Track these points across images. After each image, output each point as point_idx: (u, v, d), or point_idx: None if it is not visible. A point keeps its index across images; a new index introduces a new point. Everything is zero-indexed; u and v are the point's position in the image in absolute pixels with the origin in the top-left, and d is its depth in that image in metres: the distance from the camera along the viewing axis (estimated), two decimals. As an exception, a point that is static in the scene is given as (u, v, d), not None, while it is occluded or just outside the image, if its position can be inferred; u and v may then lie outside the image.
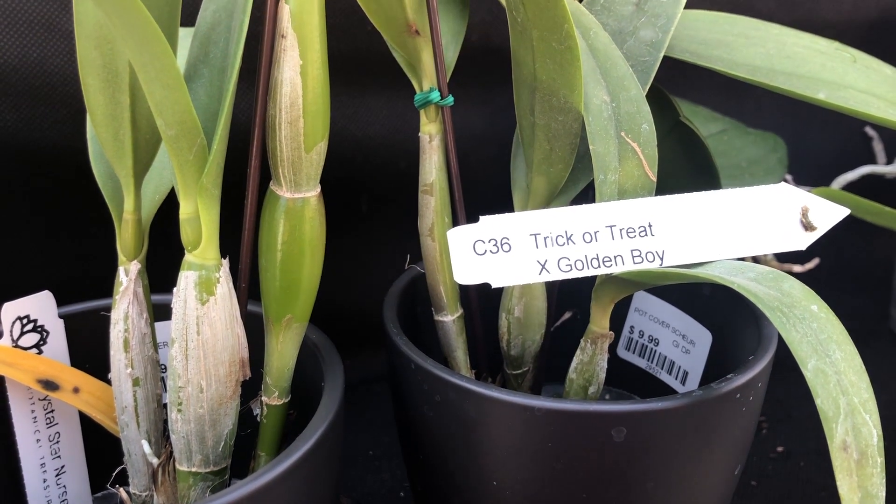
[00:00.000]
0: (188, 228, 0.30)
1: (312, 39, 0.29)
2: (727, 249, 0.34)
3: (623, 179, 0.35)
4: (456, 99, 0.37)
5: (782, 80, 0.41)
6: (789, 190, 0.35)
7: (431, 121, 0.38)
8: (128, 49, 0.28)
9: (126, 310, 0.32)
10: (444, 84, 0.37)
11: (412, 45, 0.37)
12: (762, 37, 0.45)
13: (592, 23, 0.36)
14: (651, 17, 0.39)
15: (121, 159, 0.31)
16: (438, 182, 0.38)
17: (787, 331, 0.28)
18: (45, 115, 0.49)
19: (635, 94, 0.35)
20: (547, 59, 0.33)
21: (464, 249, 0.32)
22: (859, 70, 0.44)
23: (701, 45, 0.43)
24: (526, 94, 0.35)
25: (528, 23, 0.32)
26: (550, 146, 0.35)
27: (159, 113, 0.28)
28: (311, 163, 0.31)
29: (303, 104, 0.30)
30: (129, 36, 0.27)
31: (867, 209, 0.49)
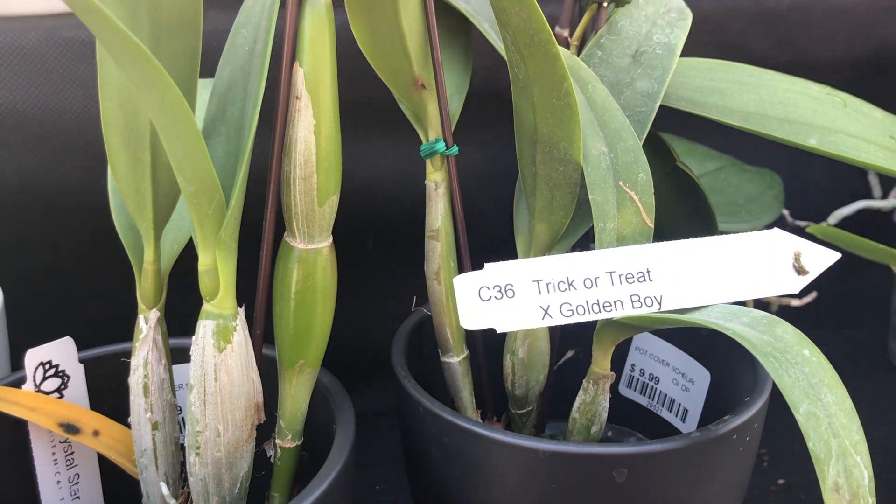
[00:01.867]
0: (206, 279, 0.31)
1: (325, 101, 0.31)
2: (723, 294, 0.35)
3: (622, 226, 0.36)
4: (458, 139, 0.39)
5: (775, 127, 0.42)
6: (782, 235, 0.37)
7: (437, 169, 0.39)
8: (150, 111, 0.29)
9: (146, 356, 0.34)
10: (449, 135, 0.39)
11: (418, 98, 0.38)
12: (756, 83, 0.46)
13: (591, 76, 0.38)
14: (647, 68, 0.40)
15: (142, 213, 0.33)
16: (444, 228, 0.39)
17: (780, 376, 0.29)
18: (62, 161, 0.51)
19: (632, 145, 0.37)
20: (547, 114, 0.34)
21: (470, 296, 0.33)
22: (850, 114, 0.46)
23: (696, 92, 0.44)
24: (528, 145, 0.37)
25: (529, 80, 0.34)
26: (552, 195, 0.37)
27: (180, 171, 0.30)
28: (323, 216, 0.32)
29: (316, 161, 0.31)
30: (152, 99, 0.28)
31: (861, 246, 0.50)
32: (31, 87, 0.50)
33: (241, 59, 0.33)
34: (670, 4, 0.44)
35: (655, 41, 0.41)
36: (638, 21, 0.42)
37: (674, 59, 0.41)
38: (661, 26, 0.42)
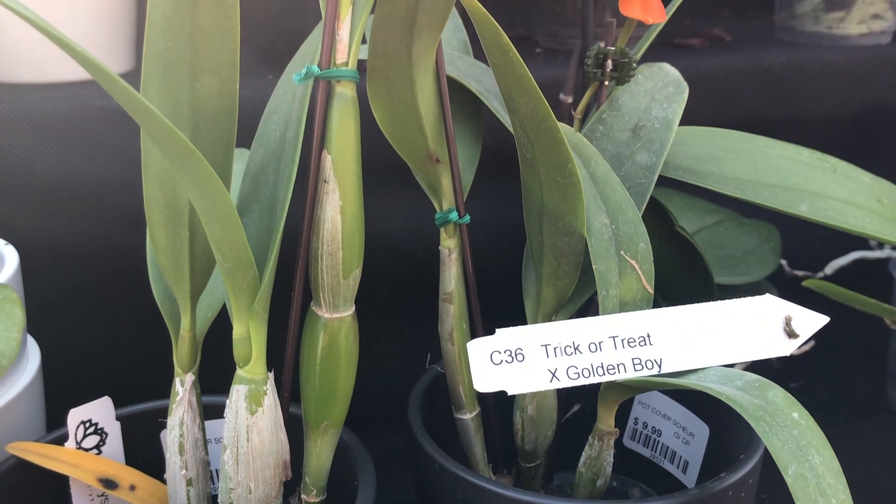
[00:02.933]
0: (240, 347, 0.34)
1: (351, 183, 0.34)
2: (719, 356, 0.37)
3: (624, 293, 0.39)
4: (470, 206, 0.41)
5: (767, 195, 0.45)
6: (774, 301, 0.39)
7: (450, 236, 0.42)
8: (191, 195, 0.32)
9: (181, 417, 0.36)
10: (462, 205, 0.42)
11: (433, 172, 0.41)
12: (750, 150, 0.49)
13: (593, 153, 0.41)
14: (646, 142, 0.43)
15: (180, 284, 0.36)
16: (457, 291, 0.42)
17: (770, 439, 0.31)
18: (94, 223, 0.54)
19: (632, 217, 0.39)
20: (553, 190, 0.37)
21: (482, 360, 0.36)
22: (839, 179, 0.49)
23: (693, 160, 0.47)
24: (535, 216, 0.40)
25: (535, 160, 0.37)
26: (557, 263, 0.40)
27: (218, 249, 0.32)
28: (348, 287, 0.35)
29: (342, 238, 0.34)
30: (194, 185, 0.31)
31: (855, 300, 0.53)
32: (66, 152, 0.53)
33: (272, 143, 0.36)
34: (668, 78, 0.47)
35: (654, 115, 0.44)
36: (637, 96, 0.45)
37: (671, 134, 0.43)
38: (659, 101, 0.45)
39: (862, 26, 0.78)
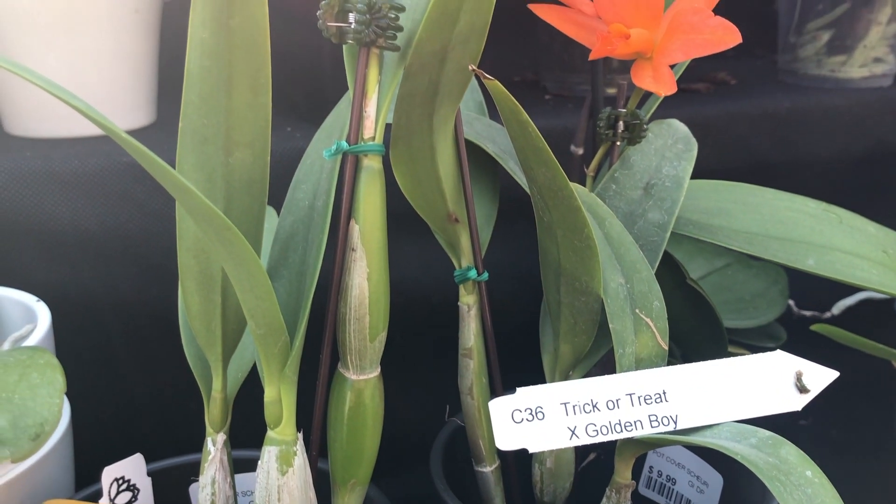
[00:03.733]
0: (271, 409, 0.35)
1: (377, 251, 0.35)
2: (732, 412, 0.39)
3: (639, 350, 0.40)
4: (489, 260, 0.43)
5: (776, 248, 0.46)
6: (784, 357, 0.40)
7: (469, 293, 0.43)
8: (227, 267, 0.34)
9: (213, 475, 0.37)
10: (480, 263, 0.43)
11: (452, 231, 0.43)
12: (758, 202, 0.50)
13: (607, 213, 0.42)
14: (658, 200, 0.45)
15: (212, 347, 0.37)
16: (476, 346, 0.43)
17: (785, 499, 0.32)
18: (120, 274, 0.55)
19: (647, 276, 0.41)
20: (570, 252, 0.39)
21: (504, 418, 0.37)
22: (845, 231, 0.50)
23: (703, 214, 0.49)
24: (552, 276, 0.41)
25: (553, 224, 0.38)
26: (574, 320, 0.41)
27: (251, 316, 0.34)
28: (374, 350, 0.36)
29: (368, 304, 0.35)
30: (229, 258, 0.33)
31: (863, 344, 0.54)
32: (92, 207, 0.55)
33: (301, 211, 0.37)
34: (677, 135, 0.49)
35: (665, 174, 0.46)
36: (648, 155, 0.47)
37: (682, 192, 0.45)
38: (669, 159, 0.47)
39: (864, 70, 0.80)
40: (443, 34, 0.34)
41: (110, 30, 0.59)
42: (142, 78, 0.62)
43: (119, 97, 0.61)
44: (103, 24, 0.58)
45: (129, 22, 0.60)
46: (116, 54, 0.60)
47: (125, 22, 0.59)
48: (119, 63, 0.60)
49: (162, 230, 0.56)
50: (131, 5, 0.59)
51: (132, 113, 0.62)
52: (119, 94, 0.61)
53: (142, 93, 0.63)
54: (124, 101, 0.61)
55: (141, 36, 0.61)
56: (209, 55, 0.33)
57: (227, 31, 0.32)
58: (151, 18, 0.62)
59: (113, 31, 0.59)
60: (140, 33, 0.61)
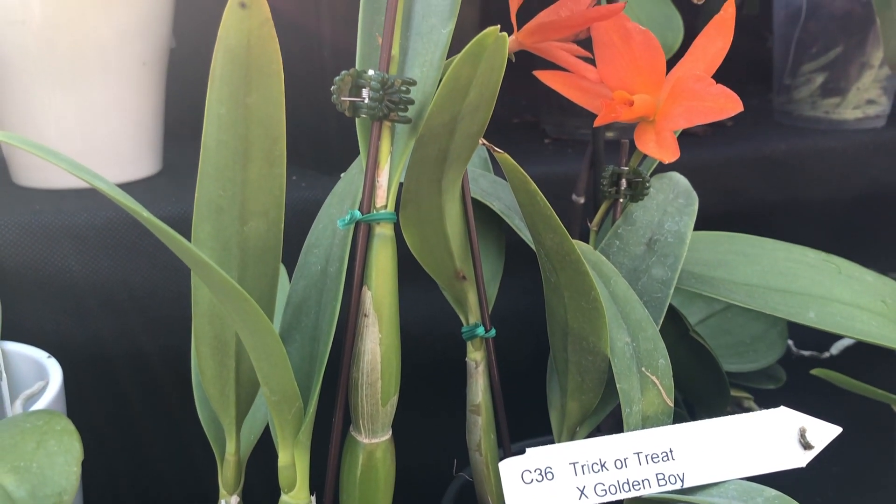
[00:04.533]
0: (285, 474, 0.36)
1: (389, 317, 0.36)
2: (738, 469, 0.39)
3: (646, 408, 0.41)
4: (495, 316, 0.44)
5: (777, 301, 0.47)
6: (788, 414, 0.41)
7: (477, 349, 0.44)
8: (242, 335, 0.34)
9: (226, 537, 0.38)
10: (487, 320, 0.44)
11: (459, 288, 0.44)
12: (758, 254, 0.51)
13: (612, 271, 0.43)
14: (661, 256, 0.46)
15: (226, 410, 0.38)
16: (484, 403, 0.44)
17: (793, 563, 0.33)
18: (130, 327, 0.56)
19: (652, 334, 0.42)
20: (577, 313, 0.39)
21: (514, 479, 0.38)
22: (844, 281, 0.51)
23: (704, 266, 0.49)
24: (559, 335, 0.42)
25: (560, 285, 0.39)
26: (582, 378, 0.42)
27: (266, 383, 0.34)
28: (386, 414, 0.37)
29: (381, 369, 0.36)
30: (245, 327, 0.33)
31: (862, 388, 0.55)
32: (102, 259, 0.56)
33: (314, 276, 0.38)
34: (678, 189, 0.50)
35: (667, 229, 0.47)
36: (650, 210, 0.48)
37: (684, 247, 0.46)
38: (671, 214, 0.48)
39: (857, 111, 0.81)
40: (453, 107, 0.35)
41: (118, 81, 0.60)
42: (148, 128, 0.63)
43: (126, 147, 0.62)
44: (111, 76, 0.59)
45: (137, 73, 0.61)
46: (124, 105, 0.61)
47: (133, 74, 0.60)
48: (126, 114, 0.61)
49: (171, 281, 0.56)
50: (139, 57, 0.60)
51: (138, 163, 0.63)
52: (126, 145, 0.62)
53: (148, 143, 0.64)
54: (131, 151, 0.62)
55: (148, 87, 0.62)
56: (226, 130, 0.33)
57: (245, 108, 0.33)
58: (159, 69, 0.63)
59: (121, 83, 0.60)
60: (147, 84, 0.62)
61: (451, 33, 0.36)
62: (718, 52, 0.41)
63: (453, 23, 0.36)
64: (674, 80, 0.40)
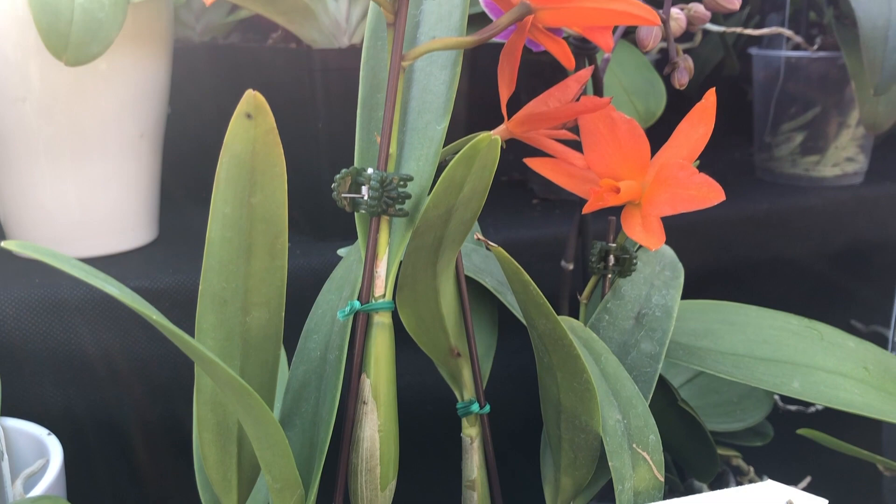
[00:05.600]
0: (287, 560, 0.36)
1: (388, 404, 0.37)
2: (728, 544, 0.40)
3: (637, 483, 0.42)
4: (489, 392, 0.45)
5: (762, 372, 0.49)
6: (776, 487, 0.42)
7: (472, 425, 0.45)
8: (245, 424, 0.35)
9: None
10: (482, 396, 0.45)
11: (454, 365, 0.45)
12: (743, 322, 0.53)
13: (603, 349, 0.44)
14: (649, 330, 0.47)
15: (227, 494, 0.38)
16: (479, 478, 0.45)
17: None
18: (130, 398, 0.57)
19: (642, 411, 0.43)
20: (570, 392, 0.41)
21: (510, 558, 0.39)
22: (827, 348, 0.52)
23: (691, 336, 0.51)
24: (552, 411, 0.43)
25: (553, 366, 0.40)
26: (575, 455, 0.43)
27: (268, 471, 0.35)
28: (385, 498, 0.38)
29: (380, 455, 0.37)
30: (248, 417, 0.34)
31: (847, 448, 0.56)
32: (103, 331, 0.56)
33: (313, 362, 0.39)
34: (665, 261, 0.52)
35: (655, 303, 0.48)
36: (638, 284, 0.49)
37: (671, 322, 0.47)
38: (658, 287, 0.49)
39: (836, 169, 0.84)
40: (449, 200, 0.36)
41: (116, 154, 0.61)
42: (146, 197, 0.64)
43: (124, 217, 0.63)
44: (110, 149, 0.60)
45: (135, 146, 0.62)
46: (122, 177, 0.62)
47: (131, 146, 0.62)
48: (124, 185, 0.62)
49: (169, 352, 0.57)
50: (137, 130, 0.62)
51: (136, 231, 0.64)
52: (124, 214, 0.63)
53: (145, 211, 0.65)
54: (129, 220, 0.63)
55: (145, 158, 0.63)
56: (230, 227, 0.35)
57: (249, 207, 0.34)
58: (155, 141, 0.64)
59: (119, 155, 0.61)
60: (145, 155, 0.63)
61: (445, 130, 0.38)
62: (701, 139, 0.42)
63: (447, 120, 0.38)
64: (658, 165, 0.42)
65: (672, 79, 0.47)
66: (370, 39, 0.39)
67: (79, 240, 0.61)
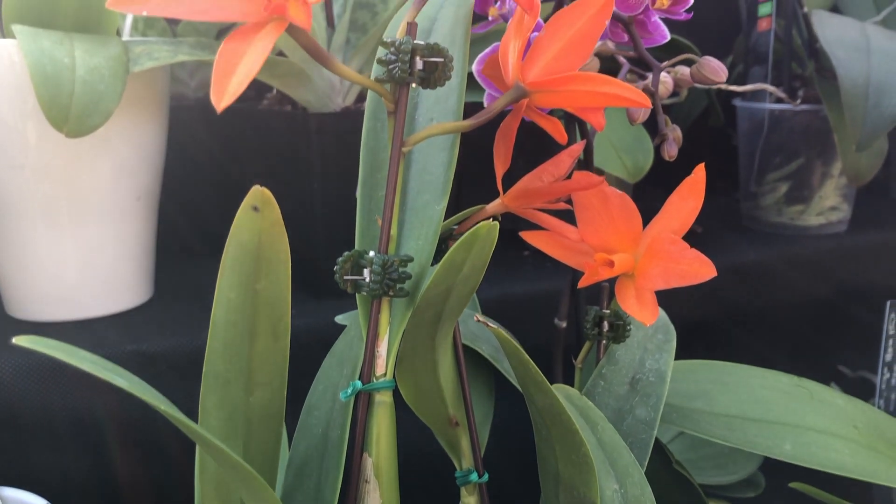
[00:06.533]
0: None
1: (389, 482, 0.38)
2: None
3: (635, 553, 0.42)
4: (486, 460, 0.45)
5: (754, 434, 0.49)
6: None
7: (471, 494, 0.45)
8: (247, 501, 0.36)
9: None
10: (480, 465, 0.45)
11: (452, 434, 0.45)
12: (735, 382, 0.54)
13: (599, 417, 0.45)
14: (643, 396, 0.48)
15: (230, 572, 0.39)
16: (479, 547, 0.45)
17: None
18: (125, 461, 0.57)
19: (639, 479, 0.43)
20: (568, 464, 0.41)
21: None
22: (816, 407, 0.53)
23: (684, 398, 0.52)
24: (551, 482, 0.43)
25: (551, 439, 0.41)
26: (573, 525, 0.43)
27: (271, 551, 0.36)
28: (387, 574, 0.38)
29: (382, 533, 0.37)
30: (251, 497, 0.35)
31: (837, 502, 0.57)
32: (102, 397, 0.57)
33: (315, 438, 0.40)
34: (657, 324, 0.53)
35: (648, 368, 0.49)
36: (632, 348, 0.50)
37: (665, 386, 0.48)
38: (651, 351, 0.50)
39: (820, 217, 0.85)
40: (449, 280, 0.37)
41: (114, 217, 0.61)
42: (142, 257, 0.65)
43: (121, 278, 0.63)
44: (107, 213, 0.61)
45: (132, 208, 0.63)
46: (119, 239, 0.62)
47: (128, 209, 0.62)
48: (121, 247, 0.63)
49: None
50: (134, 193, 0.62)
51: (133, 291, 0.65)
52: (121, 275, 0.63)
53: (141, 272, 0.65)
54: (126, 281, 0.64)
55: (142, 219, 0.64)
56: (235, 311, 0.35)
57: (254, 293, 0.35)
58: (152, 202, 0.65)
59: (116, 218, 0.62)
60: (141, 217, 0.64)
61: (444, 210, 0.39)
62: (691, 211, 0.43)
63: (446, 200, 0.39)
64: (651, 237, 0.43)
65: (661, 151, 0.48)
66: (369, 121, 0.40)
67: (76, 301, 0.61)
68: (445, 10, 0.43)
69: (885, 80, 0.69)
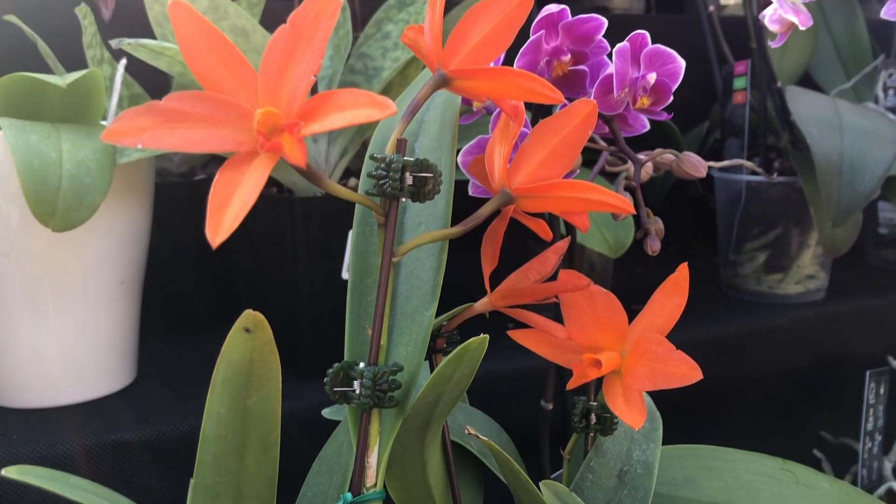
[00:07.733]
0: None
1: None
2: None
3: None
4: None
5: (742, 524, 0.50)
6: None
7: (460, 592, 0.45)
8: None
9: None
10: (470, 563, 0.45)
11: (442, 531, 0.45)
12: (720, 466, 0.54)
13: (588, 515, 0.45)
14: (631, 489, 0.48)
15: None
16: None
17: None
18: None
19: (629, 578, 0.43)
20: (558, 567, 0.41)
21: None
22: (802, 492, 0.53)
23: (671, 485, 0.52)
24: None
25: (542, 542, 0.41)
26: None
27: None
28: None
29: None
30: None
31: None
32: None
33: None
34: (643, 411, 0.53)
35: (636, 459, 0.49)
36: (619, 438, 0.50)
37: (653, 478, 0.48)
38: (638, 441, 0.50)
39: (799, 286, 0.87)
40: (438, 389, 0.37)
41: (97, 302, 0.61)
42: (125, 342, 0.65)
43: (103, 362, 0.63)
44: (91, 298, 0.61)
45: (115, 293, 0.62)
46: (102, 324, 0.62)
47: (112, 294, 0.62)
48: (104, 331, 0.62)
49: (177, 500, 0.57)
50: (118, 278, 0.62)
51: (115, 375, 0.64)
52: (104, 360, 0.63)
53: (124, 355, 0.65)
54: (108, 365, 0.63)
55: (125, 304, 0.64)
56: (225, 426, 0.35)
57: (244, 408, 0.35)
58: (135, 286, 0.65)
59: (100, 304, 0.61)
60: (124, 301, 0.63)
61: (433, 316, 0.39)
62: (675, 309, 0.44)
63: (435, 306, 0.39)
64: (636, 334, 0.44)
65: (644, 245, 0.49)
66: (358, 226, 0.41)
67: (59, 388, 0.61)
68: (432, 112, 0.44)
69: (858, 158, 0.71)
